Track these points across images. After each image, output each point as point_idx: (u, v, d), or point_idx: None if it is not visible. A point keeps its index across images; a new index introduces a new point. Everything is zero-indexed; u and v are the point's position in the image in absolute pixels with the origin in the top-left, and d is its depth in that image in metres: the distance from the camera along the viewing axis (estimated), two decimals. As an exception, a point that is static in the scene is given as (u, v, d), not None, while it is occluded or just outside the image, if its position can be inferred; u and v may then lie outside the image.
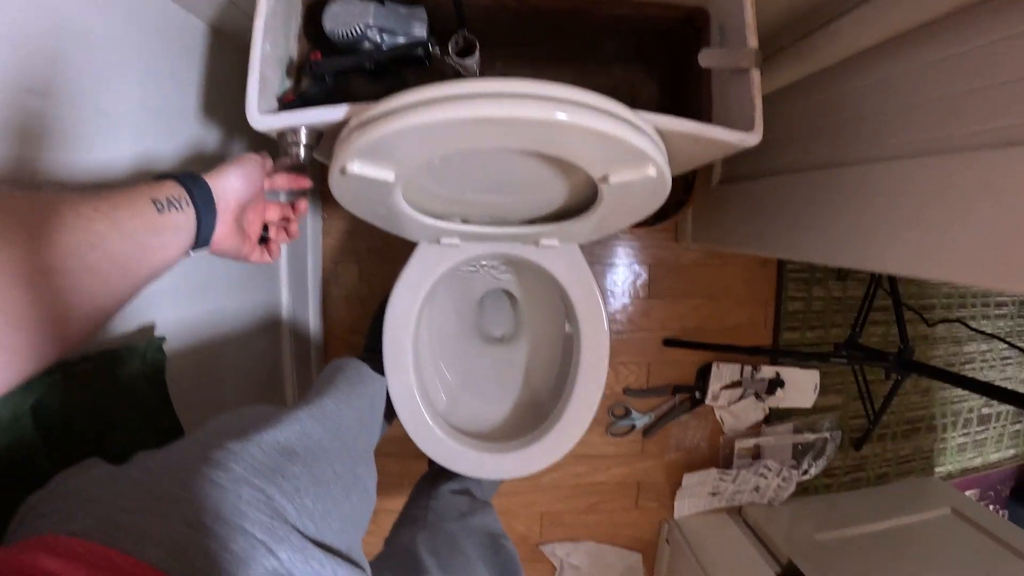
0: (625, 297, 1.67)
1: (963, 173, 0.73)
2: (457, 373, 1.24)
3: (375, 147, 0.62)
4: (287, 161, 0.74)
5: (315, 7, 0.81)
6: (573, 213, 0.89)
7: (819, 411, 1.77)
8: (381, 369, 1.01)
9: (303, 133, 0.70)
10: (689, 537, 1.64)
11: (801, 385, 1.72)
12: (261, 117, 0.69)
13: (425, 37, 0.82)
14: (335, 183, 0.71)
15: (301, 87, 0.82)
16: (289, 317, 1.33)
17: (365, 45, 0.80)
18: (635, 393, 1.69)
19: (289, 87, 0.80)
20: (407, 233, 0.96)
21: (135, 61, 0.74)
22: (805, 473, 1.71)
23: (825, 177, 1.00)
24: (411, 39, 0.81)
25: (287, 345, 1.33)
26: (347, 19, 0.77)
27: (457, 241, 1.00)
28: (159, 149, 0.80)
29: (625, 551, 1.79)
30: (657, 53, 1.00)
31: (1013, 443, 2.12)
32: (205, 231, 0.62)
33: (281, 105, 0.76)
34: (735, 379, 1.68)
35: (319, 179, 1.50)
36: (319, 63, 0.78)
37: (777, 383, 1.69)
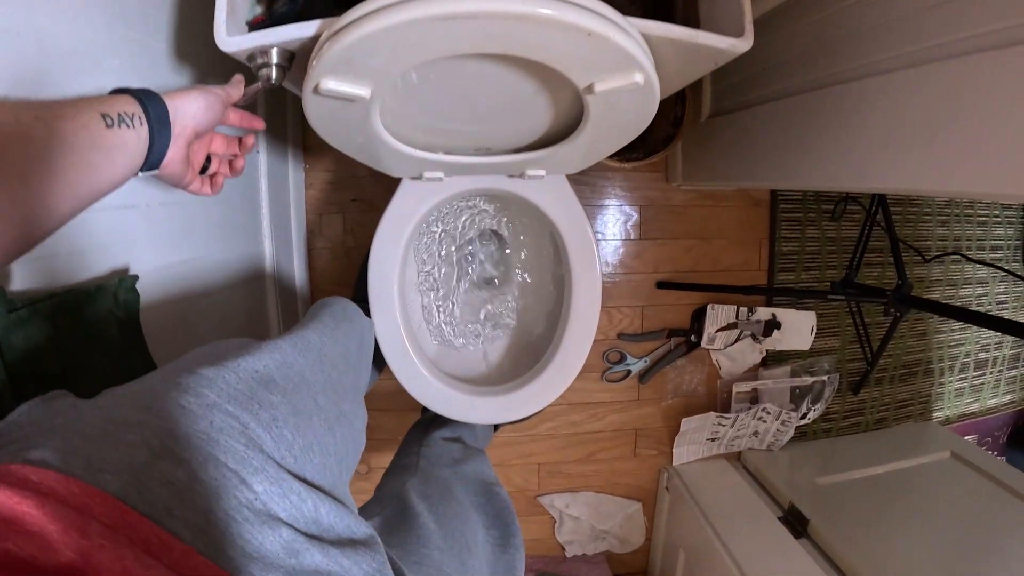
0: (616, 239, 1.64)
1: (969, 77, 0.70)
2: (446, 319, 1.21)
3: (348, 58, 0.59)
4: (258, 86, 0.71)
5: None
6: (559, 139, 0.86)
7: (816, 354, 1.75)
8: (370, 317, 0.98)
9: (274, 53, 0.68)
10: (689, 484, 1.64)
11: (798, 327, 1.70)
12: (229, 39, 0.67)
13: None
14: (310, 107, 0.69)
15: (271, 10, 0.78)
16: (273, 269, 1.30)
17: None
18: (629, 338, 1.67)
19: (260, 12, 0.77)
20: (388, 167, 0.93)
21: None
22: (804, 417, 1.70)
23: (820, 97, 0.97)
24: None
25: (272, 298, 1.30)
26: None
27: (440, 175, 0.97)
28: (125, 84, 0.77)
29: (625, 500, 1.78)
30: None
31: (1010, 389, 2.12)
32: (156, 154, 0.59)
33: (251, 28, 0.73)
34: (730, 321, 1.66)
35: (299, 130, 1.46)
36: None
37: (773, 325, 1.67)
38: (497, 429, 1.36)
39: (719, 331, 1.66)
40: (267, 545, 0.40)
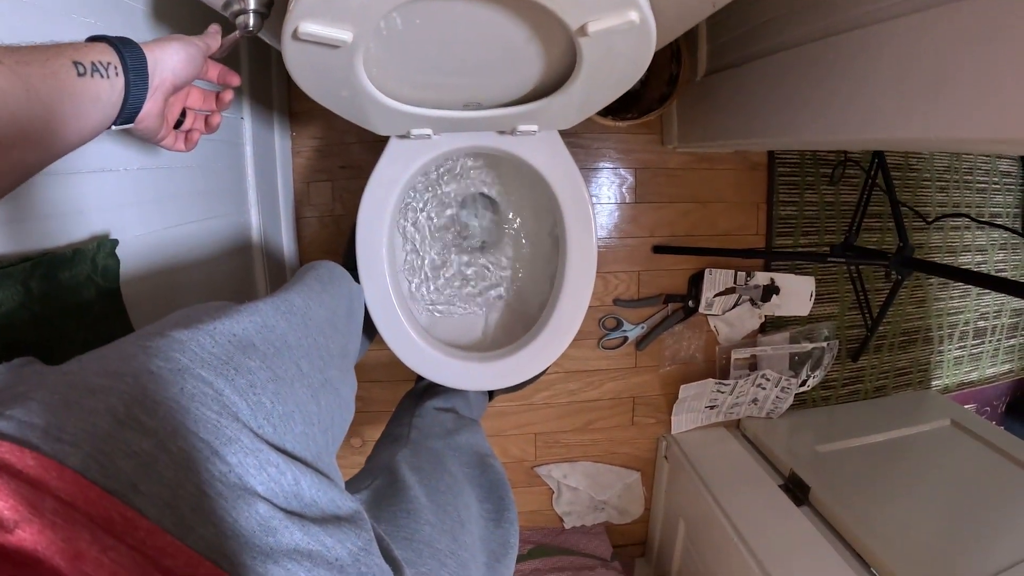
0: (611, 203, 1.62)
1: (977, 20, 0.67)
2: (439, 285, 1.19)
3: (328, -3, 0.56)
4: (236, 36, 0.68)
5: None
6: (552, 91, 0.83)
7: (816, 320, 1.74)
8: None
9: (251, -3, 0.64)
10: (688, 453, 1.62)
11: (797, 292, 1.68)
12: (203, -18, 0.63)
13: None
14: (290, 55, 0.65)
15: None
16: (260, 239, 1.27)
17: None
18: (626, 303, 1.65)
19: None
20: (374, 123, 0.89)
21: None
22: (804, 383, 1.69)
23: (821, 48, 0.94)
24: None
25: (260, 268, 1.28)
26: None
27: (429, 132, 0.93)
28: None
29: (623, 470, 1.77)
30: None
31: (1008, 358, 2.12)
32: (132, 106, 0.55)
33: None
34: (728, 286, 1.64)
35: (285, 97, 1.43)
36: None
37: (772, 290, 1.65)
38: (492, 399, 1.34)
39: (717, 296, 1.64)
40: (242, 522, 0.37)
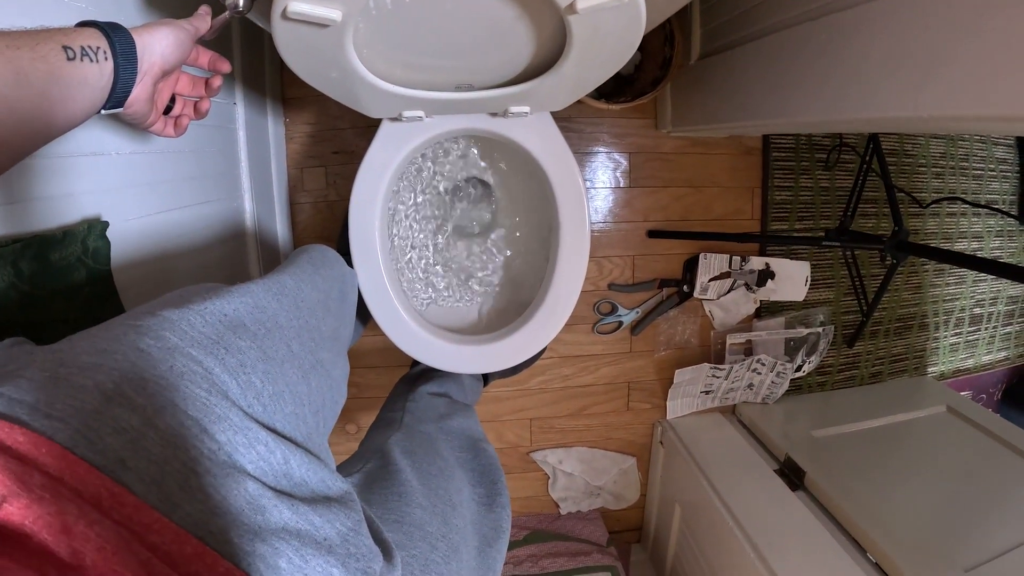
0: (605, 187, 1.61)
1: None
2: (431, 268, 1.19)
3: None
4: (226, 16, 0.67)
5: None
6: (543, 72, 0.82)
7: (811, 305, 1.74)
8: None
9: (242, -25, 0.64)
10: (684, 438, 1.63)
11: (792, 277, 1.68)
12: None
13: None
14: (280, 35, 0.65)
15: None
16: (254, 225, 1.27)
17: None
18: (620, 288, 1.65)
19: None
20: (365, 105, 0.89)
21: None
22: (799, 369, 1.69)
23: (818, 27, 0.93)
24: None
25: (253, 254, 1.27)
26: None
27: (420, 114, 0.93)
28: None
29: (619, 455, 1.78)
30: None
31: (1004, 346, 2.12)
32: (120, 91, 0.55)
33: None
34: (723, 270, 1.64)
35: (278, 83, 1.42)
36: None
37: (767, 274, 1.65)
38: (487, 384, 1.34)
39: (712, 281, 1.64)
40: (230, 500, 0.37)
